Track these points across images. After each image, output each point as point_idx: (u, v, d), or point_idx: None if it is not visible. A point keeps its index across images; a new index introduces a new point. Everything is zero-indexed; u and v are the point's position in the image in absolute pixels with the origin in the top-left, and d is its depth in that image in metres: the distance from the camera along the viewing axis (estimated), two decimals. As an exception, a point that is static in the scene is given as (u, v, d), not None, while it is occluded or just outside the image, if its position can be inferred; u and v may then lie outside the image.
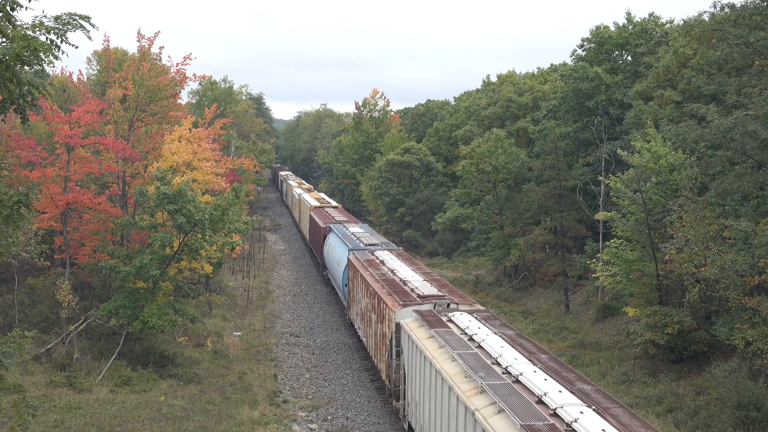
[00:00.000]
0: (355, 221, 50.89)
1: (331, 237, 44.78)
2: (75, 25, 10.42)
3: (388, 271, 30.29)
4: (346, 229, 44.62)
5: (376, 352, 27.40)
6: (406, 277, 28.45)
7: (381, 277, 29.04)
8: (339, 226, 46.27)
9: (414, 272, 29.87)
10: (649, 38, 44.43)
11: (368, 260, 32.99)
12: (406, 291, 26.20)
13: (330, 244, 44.21)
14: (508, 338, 19.56)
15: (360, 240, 39.30)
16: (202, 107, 55.52)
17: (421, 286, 26.62)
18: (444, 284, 27.95)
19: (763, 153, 24.59)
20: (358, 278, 31.83)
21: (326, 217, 52.45)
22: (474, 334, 19.75)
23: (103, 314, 28.37)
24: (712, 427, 21.88)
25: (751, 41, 25.88)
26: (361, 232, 42.95)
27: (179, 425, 22.73)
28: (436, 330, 20.39)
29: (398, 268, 30.68)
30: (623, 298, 34.75)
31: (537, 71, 65.99)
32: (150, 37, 33.68)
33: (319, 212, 56.67)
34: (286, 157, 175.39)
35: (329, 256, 43.81)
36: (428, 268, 33.31)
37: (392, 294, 25.72)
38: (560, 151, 41.91)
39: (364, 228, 45.81)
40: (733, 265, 22.86)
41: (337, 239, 41.54)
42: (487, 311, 23.41)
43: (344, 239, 39.52)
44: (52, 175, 30.84)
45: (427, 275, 29.48)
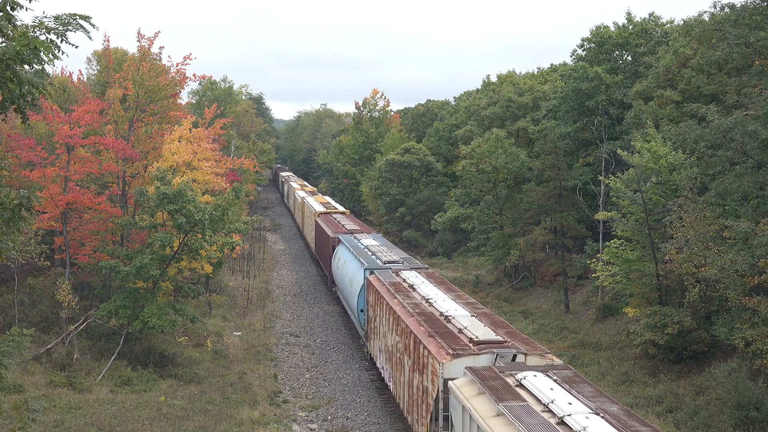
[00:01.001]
0: (366, 230, 45.82)
1: (341, 250, 39.53)
2: (75, 26, 10.41)
3: (422, 301, 24.59)
4: (358, 241, 39.30)
5: (410, 407, 21.78)
6: (448, 311, 22.70)
7: (414, 308, 23.47)
8: (349, 236, 41.17)
9: (455, 303, 24.04)
10: (649, 38, 44.45)
11: (393, 284, 27.35)
12: (452, 333, 20.38)
13: (340, 257, 38.90)
14: (615, 420, 13.86)
15: (377, 256, 33.79)
16: (202, 107, 55.52)
17: (471, 325, 20.89)
18: (498, 322, 21.94)
19: (763, 153, 24.60)
20: (383, 306, 26.23)
21: (334, 225, 47.35)
22: (565, 415, 13.98)
23: (103, 314, 28.37)
24: (712, 427, 21.88)
25: (751, 41, 25.89)
26: (377, 245, 37.22)
27: (179, 425, 22.73)
28: (506, 405, 14.73)
29: (433, 296, 24.98)
30: (623, 298, 34.76)
31: (537, 71, 66.01)
32: (150, 37, 33.70)
33: (326, 219, 51.46)
34: (286, 157, 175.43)
35: (339, 272, 38.28)
36: (469, 296, 26.77)
37: (435, 337, 20.07)
38: (560, 151, 41.91)
39: (379, 239, 40.48)
40: (733, 265, 22.86)
41: (349, 254, 36.38)
42: (566, 367, 17.73)
43: (357, 254, 34.26)
44: (52, 175, 30.84)
45: (473, 308, 23.60)
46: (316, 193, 77.47)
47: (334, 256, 40.73)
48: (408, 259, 33.33)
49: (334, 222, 49.14)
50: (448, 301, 24.32)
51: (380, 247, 36.78)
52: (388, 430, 23.98)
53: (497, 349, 18.41)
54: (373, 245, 37.19)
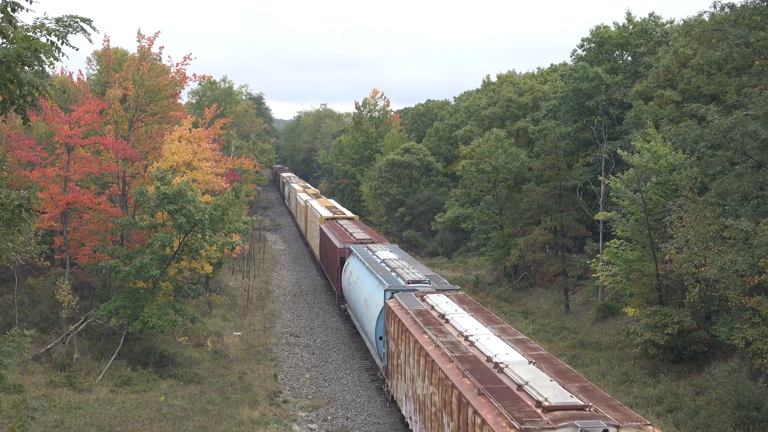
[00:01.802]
0: (379, 239, 41.12)
1: (353, 263, 34.82)
2: (76, 28, 10.43)
3: (460, 338, 19.26)
4: (373, 253, 34.51)
5: None
6: (497, 355, 17.37)
7: (452, 349, 18.19)
8: (362, 248, 36.40)
9: (503, 342, 18.63)
10: (649, 38, 44.46)
11: (420, 312, 22.21)
12: (509, 390, 15.41)
13: (352, 272, 34.08)
14: None
15: (398, 273, 28.81)
16: (202, 107, 55.52)
17: (532, 378, 15.65)
18: (566, 372, 16.68)
19: (763, 153, 24.61)
20: (409, 342, 21.27)
21: (342, 234, 42.72)
22: None
23: (103, 314, 28.38)
24: (712, 427, 21.89)
25: (751, 41, 25.89)
26: (395, 259, 32.30)
27: (179, 425, 22.74)
28: None
29: (473, 331, 19.71)
30: (623, 298, 34.76)
31: (537, 71, 66.02)
32: (150, 37, 33.70)
33: (332, 226, 46.73)
34: (286, 157, 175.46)
35: (352, 290, 33.15)
36: (517, 330, 20.61)
37: (488, 396, 15.14)
38: (560, 151, 41.92)
39: (396, 252, 35.38)
40: (733, 265, 22.87)
41: (363, 268, 31.74)
42: None
43: (374, 270, 29.49)
44: (52, 175, 30.84)
45: (526, 348, 18.16)
46: (320, 196, 73.04)
47: (345, 270, 36.08)
48: (434, 278, 28.11)
49: (342, 230, 44.54)
50: (493, 338, 18.94)
51: (400, 261, 31.70)
52: (388, 430, 23.99)
53: (580, 422, 13.37)
54: (392, 259, 32.29)
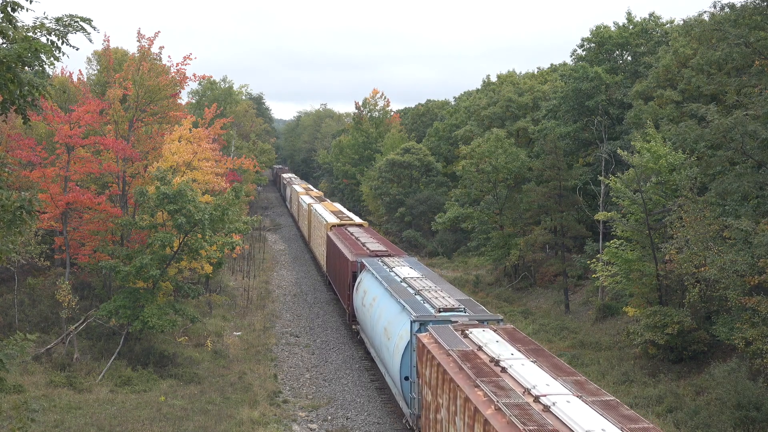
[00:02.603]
0: (395, 251, 36.00)
1: (367, 280, 30.17)
2: (76, 27, 10.44)
3: (528, 400, 14.39)
4: (390, 269, 29.53)
5: None
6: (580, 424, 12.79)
7: (522, 417, 13.45)
8: (377, 262, 31.44)
9: (587, 405, 13.71)
10: (649, 38, 44.47)
11: (465, 354, 17.22)
12: None
13: (366, 291, 29.54)
14: None
15: (424, 297, 23.75)
16: (202, 107, 55.52)
17: None
18: None
19: (763, 153, 24.62)
20: (454, 396, 16.47)
21: (353, 244, 38.17)
22: None
23: (103, 314, 28.38)
24: (712, 427, 21.89)
25: (751, 41, 25.90)
26: (418, 278, 27.22)
27: (179, 425, 22.74)
28: None
29: (542, 386, 14.88)
30: (623, 298, 34.77)
31: (537, 71, 66.05)
32: (150, 37, 33.69)
33: (340, 234, 42.12)
34: (286, 157, 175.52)
35: (366, 311, 28.60)
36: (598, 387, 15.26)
37: None
38: (560, 151, 41.92)
39: (418, 267, 30.41)
40: (733, 265, 22.87)
41: (380, 288, 27.07)
42: None
43: (395, 292, 24.74)
44: (52, 175, 30.85)
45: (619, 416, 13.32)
46: (324, 199, 68.21)
47: (357, 288, 31.58)
48: (468, 303, 22.94)
49: (352, 238, 40.08)
50: (574, 401, 13.95)
51: (424, 281, 26.66)
52: (388, 430, 23.99)
53: None
54: (413, 277, 27.34)
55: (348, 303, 34.53)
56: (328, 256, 44.49)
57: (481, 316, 21.56)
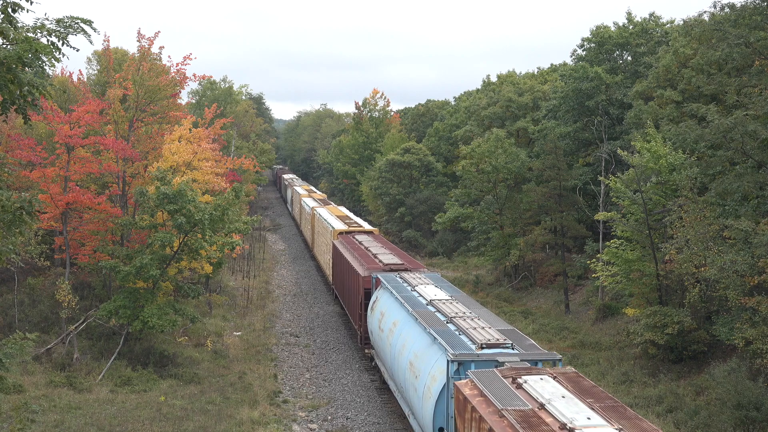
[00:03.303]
0: (414, 264, 31.74)
1: (384, 300, 26.13)
2: (76, 29, 10.44)
3: None
4: (412, 288, 25.61)
5: None
6: None
7: None
8: (394, 278, 27.75)
9: None
10: (650, 38, 44.48)
11: (524, 416, 13.56)
12: None
13: (383, 314, 25.45)
14: None
15: (458, 325, 19.88)
16: (202, 107, 55.52)
17: None
18: None
19: (763, 153, 24.61)
20: None
21: (363, 255, 33.96)
22: None
23: (103, 314, 28.38)
24: (712, 427, 21.89)
25: (751, 41, 25.90)
26: (447, 300, 23.12)
27: (179, 425, 22.74)
28: None
29: None
30: (623, 298, 34.77)
31: (537, 71, 66.08)
32: (150, 37, 33.67)
33: (348, 243, 38.24)
34: (286, 157, 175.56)
35: (384, 339, 24.53)
36: None
37: None
38: (560, 151, 41.93)
39: (443, 285, 26.50)
40: (733, 265, 22.87)
41: (402, 312, 23.24)
42: None
43: (421, 319, 21.01)
44: (52, 175, 30.84)
45: None
46: (328, 202, 64.22)
47: (372, 308, 27.66)
48: (514, 336, 18.99)
49: (362, 249, 35.84)
50: None
51: (454, 304, 22.51)
52: (388, 430, 23.99)
53: None
54: (442, 299, 23.23)
55: (360, 324, 30.42)
56: (335, 266, 40.52)
57: (534, 355, 17.50)
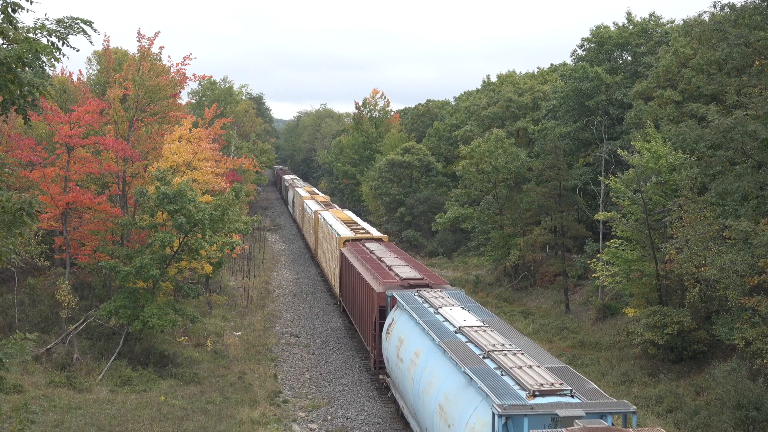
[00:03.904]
0: (434, 279, 28.43)
1: (403, 324, 22.71)
2: (77, 30, 10.45)
3: None
4: (436, 310, 21.91)
5: None
6: None
7: None
8: (413, 297, 23.96)
9: None
10: (650, 38, 44.48)
11: None
12: None
13: (403, 340, 22.02)
14: None
15: (500, 364, 16.44)
16: (202, 107, 55.52)
17: None
18: None
19: (763, 153, 24.61)
20: None
21: (376, 267, 30.73)
22: None
23: (103, 314, 28.38)
24: (712, 427, 21.89)
25: (751, 41, 25.89)
26: (480, 328, 19.50)
27: (179, 425, 22.74)
28: None
29: None
30: (623, 298, 34.77)
31: (537, 71, 66.09)
32: (150, 37, 33.66)
33: (357, 252, 34.96)
34: (286, 157, 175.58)
35: (405, 370, 21.13)
36: None
37: None
38: (560, 151, 41.93)
39: (470, 305, 22.70)
40: (733, 265, 22.87)
41: (426, 341, 19.91)
42: None
43: (452, 352, 17.60)
44: (52, 175, 30.84)
45: None
46: (332, 205, 61.70)
47: (389, 331, 24.05)
48: (571, 377, 15.59)
49: (374, 259, 32.64)
50: None
51: (489, 333, 18.93)
52: (388, 430, 23.99)
53: None
54: (473, 327, 19.62)
55: (374, 346, 27.24)
56: (343, 277, 37.33)
57: (601, 406, 14.17)
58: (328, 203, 63.92)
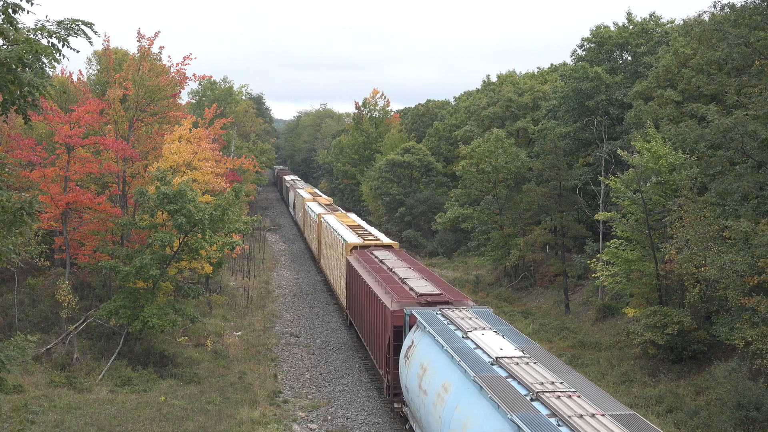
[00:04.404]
0: (455, 295, 25.10)
1: (425, 350, 19.60)
2: (77, 32, 10.45)
3: None
4: (464, 335, 18.86)
5: None
6: None
7: None
8: (435, 316, 20.96)
9: None
10: (650, 38, 44.48)
11: None
12: None
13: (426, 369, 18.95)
14: None
15: (554, 410, 13.25)
16: (202, 107, 55.52)
17: None
18: None
19: (763, 153, 24.61)
20: None
21: (388, 279, 27.67)
22: None
23: (103, 314, 28.38)
24: (712, 427, 21.89)
25: (751, 41, 25.89)
26: (521, 359, 16.51)
27: (179, 425, 22.74)
28: None
29: None
30: (623, 298, 34.78)
31: (537, 71, 66.10)
32: (150, 37, 33.66)
33: (366, 261, 32.19)
34: (286, 157, 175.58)
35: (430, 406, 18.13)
36: None
37: None
38: (560, 151, 41.94)
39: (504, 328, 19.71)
40: (733, 265, 22.88)
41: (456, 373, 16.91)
42: None
43: (491, 390, 14.51)
44: (52, 175, 30.85)
45: None
46: (336, 208, 59.25)
47: (408, 356, 20.94)
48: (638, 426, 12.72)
49: (384, 270, 29.87)
50: None
51: (532, 365, 16.02)
52: (388, 430, 23.99)
53: None
54: (512, 357, 16.67)
55: (388, 371, 24.38)
56: (350, 288, 34.94)
57: None
58: (331, 206, 61.79)
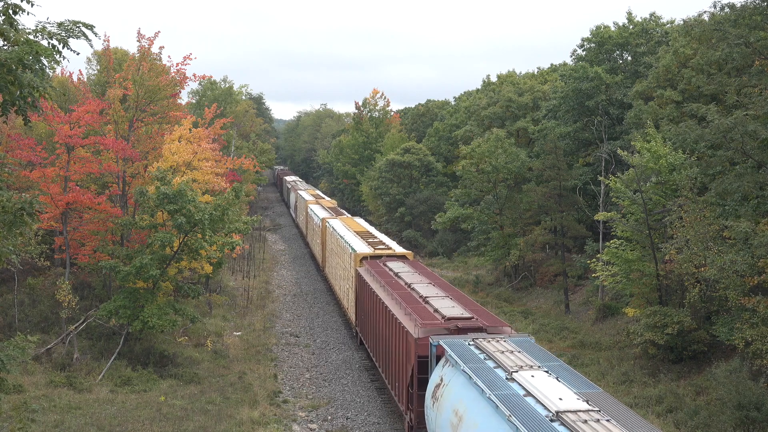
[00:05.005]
0: (488, 318, 21.32)
1: (460, 392, 15.95)
2: (77, 33, 10.46)
3: None
4: (508, 374, 15.21)
5: None
6: None
7: None
8: (469, 349, 17.43)
9: None
10: (650, 38, 44.48)
11: None
12: None
13: (462, 417, 15.23)
14: None
15: None
16: (202, 107, 55.53)
17: None
18: None
19: (763, 153, 24.61)
20: None
21: (407, 298, 24.01)
22: None
23: (103, 314, 28.39)
24: (712, 427, 21.89)
25: (751, 41, 25.89)
26: (589, 414, 12.67)
27: (179, 425, 22.74)
28: None
29: None
30: (623, 298, 34.78)
31: (537, 71, 66.10)
32: (150, 37, 33.66)
33: (379, 275, 28.56)
34: (286, 157, 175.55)
35: None
36: None
37: None
38: (560, 151, 41.94)
39: (553, 365, 15.89)
40: (733, 265, 22.87)
41: (503, 426, 13.13)
42: None
43: None
44: (52, 175, 30.85)
45: None
46: (341, 212, 55.70)
47: (437, 396, 17.43)
48: None
49: (402, 287, 26.31)
50: None
51: (602, 422, 12.44)
52: (388, 430, 23.99)
53: None
54: (577, 411, 12.98)
55: (410, 409, 21.09)
56: (360, 303, 31.85)
57: None
58: (335, 209, 58.32)
